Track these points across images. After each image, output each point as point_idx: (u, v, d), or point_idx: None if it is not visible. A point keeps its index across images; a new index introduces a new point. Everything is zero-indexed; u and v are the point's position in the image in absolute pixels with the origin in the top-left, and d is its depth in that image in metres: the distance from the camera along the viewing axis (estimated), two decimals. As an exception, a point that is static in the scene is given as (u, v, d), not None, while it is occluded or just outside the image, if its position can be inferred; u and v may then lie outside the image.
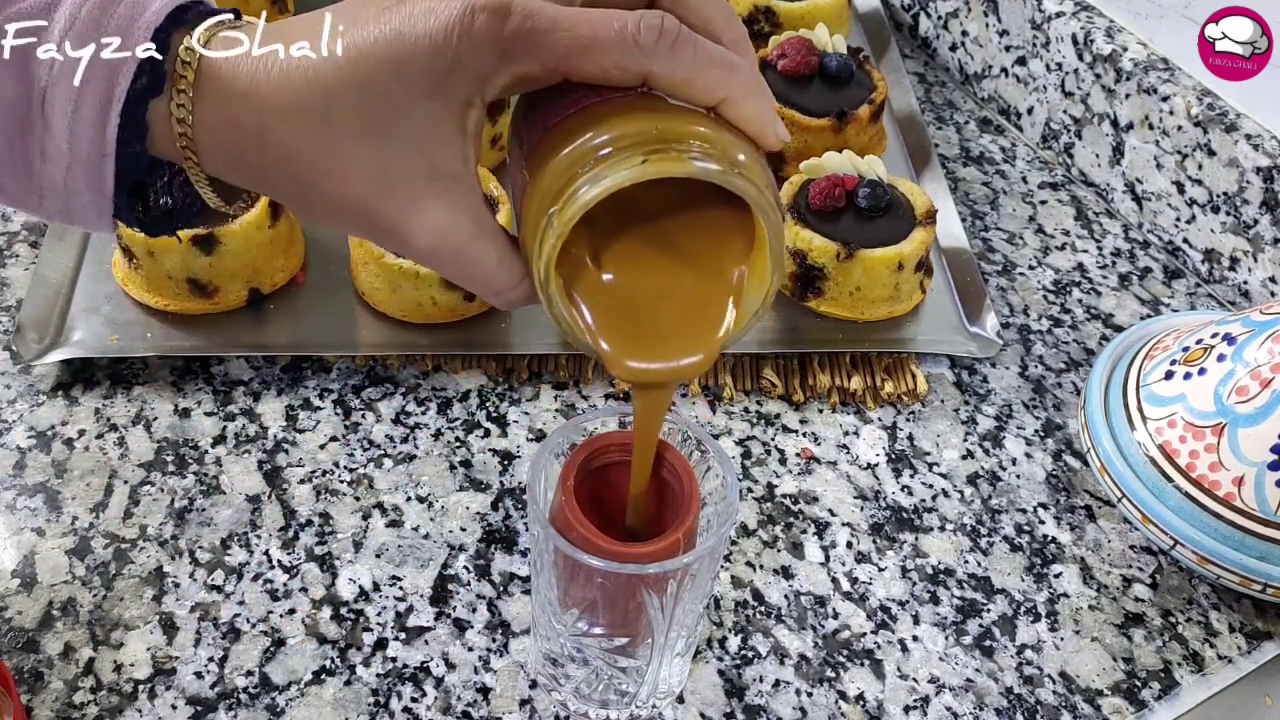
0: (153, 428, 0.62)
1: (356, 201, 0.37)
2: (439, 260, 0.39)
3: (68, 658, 0.52)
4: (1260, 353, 0.56)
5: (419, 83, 0.35)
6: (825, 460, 0.64)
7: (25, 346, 0.63)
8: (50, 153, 0.36)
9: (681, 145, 0.35)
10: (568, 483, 0.45)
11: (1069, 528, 0.61)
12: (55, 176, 0.36)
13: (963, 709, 0.53)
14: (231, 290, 0.65)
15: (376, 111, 0.36)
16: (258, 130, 0.36)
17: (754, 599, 0.57)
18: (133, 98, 0.36)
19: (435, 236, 0.38)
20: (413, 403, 0.64)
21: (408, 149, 0.36)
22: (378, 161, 0.36)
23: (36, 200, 0.38)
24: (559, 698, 0.52)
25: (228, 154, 0.37)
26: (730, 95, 0.36)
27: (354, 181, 0.37)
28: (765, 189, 0.36)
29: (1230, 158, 0.72)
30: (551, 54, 0.35)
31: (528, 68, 0.36)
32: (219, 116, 0.37)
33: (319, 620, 0.54)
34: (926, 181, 0.78)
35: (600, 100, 0.36)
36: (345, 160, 0.36)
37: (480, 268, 0.39)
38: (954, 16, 0.91)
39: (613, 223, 0.39)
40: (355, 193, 0.37)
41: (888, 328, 0.69)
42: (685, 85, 0.36)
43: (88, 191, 0.37)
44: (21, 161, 0.36)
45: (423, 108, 0.36)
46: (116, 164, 0.37)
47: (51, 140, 0.36)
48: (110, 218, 0.38)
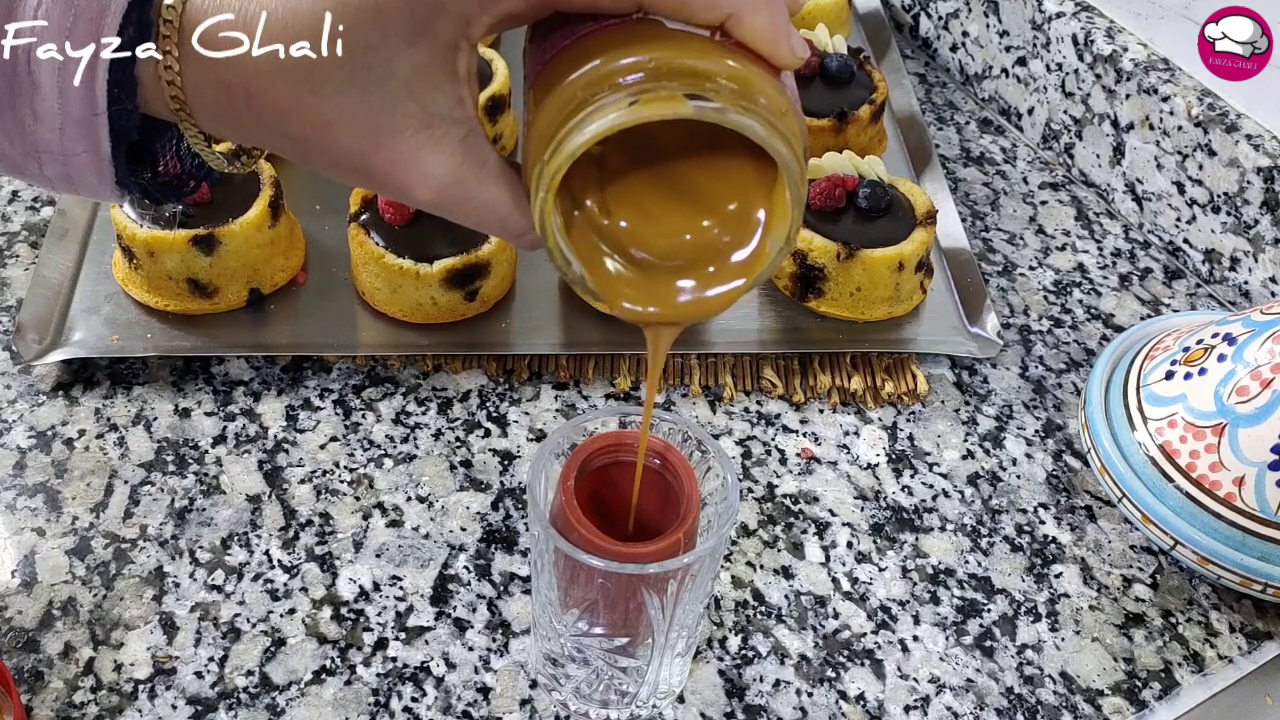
0: (153, 428, 0.62)
1: (354, 155, 0.36)
2: (447, 209, 0.37)
3: (68, 657, 0.52)
4: (1261, 353, 0.56)
5: (399, 30, 0.34)
6: (825, 460, 0.63)
7: (25, 346, 0.63)
8: (41, 113, 0.35)
9: (675, 81, 0.32)
10: (568, 483, 0.45)
11: (1069, 528, 0.61)
12: (50, 138, 0.36)
13: (963, 709, 0.53)
14: (232, 290, 0.65)
15: (360, 63, 0.35)
16: (244, 90, 0.36)
17: (754, 599, 0.57)
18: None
19: (437, 186, 0.37)
20: (413, 403, 0.64)
21: (396, 97, 0.35)
22: (366, 113, 0.35)
23: (36, 166, 0.37)
24: (559, 698, 0.52)
25: (218, 112, 0.37)
26: (736, 11, 0.33)
27: (346, 135, 0.36)
28: (778, 121, 0.32)
29: (1231, 158, 0.72)
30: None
31: (511, 4, 0.35)
32: (206, 77, 0.36)
33: (319, 620, 0.54)
34: (927, 182, 0.78)
35: (595, 29, 0.34)
36: (334, 115, 0.36)
37: (492, 212, 0.37)
38: (954, 17, 0.91)
39: (623, 159, 0.37)
40: (349, 146, 0.36)
41: (888, 328, 0.69)
42: (681, 5, 0.33)
43: (85, 153, 0.36)
44: (14, 124, 0.36)
45: (406, 54, 0.35)
46: (110, 122, 0.36)
47: (41, 100, 0.35)
48: (112, 182, 0.37)
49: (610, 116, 0.31)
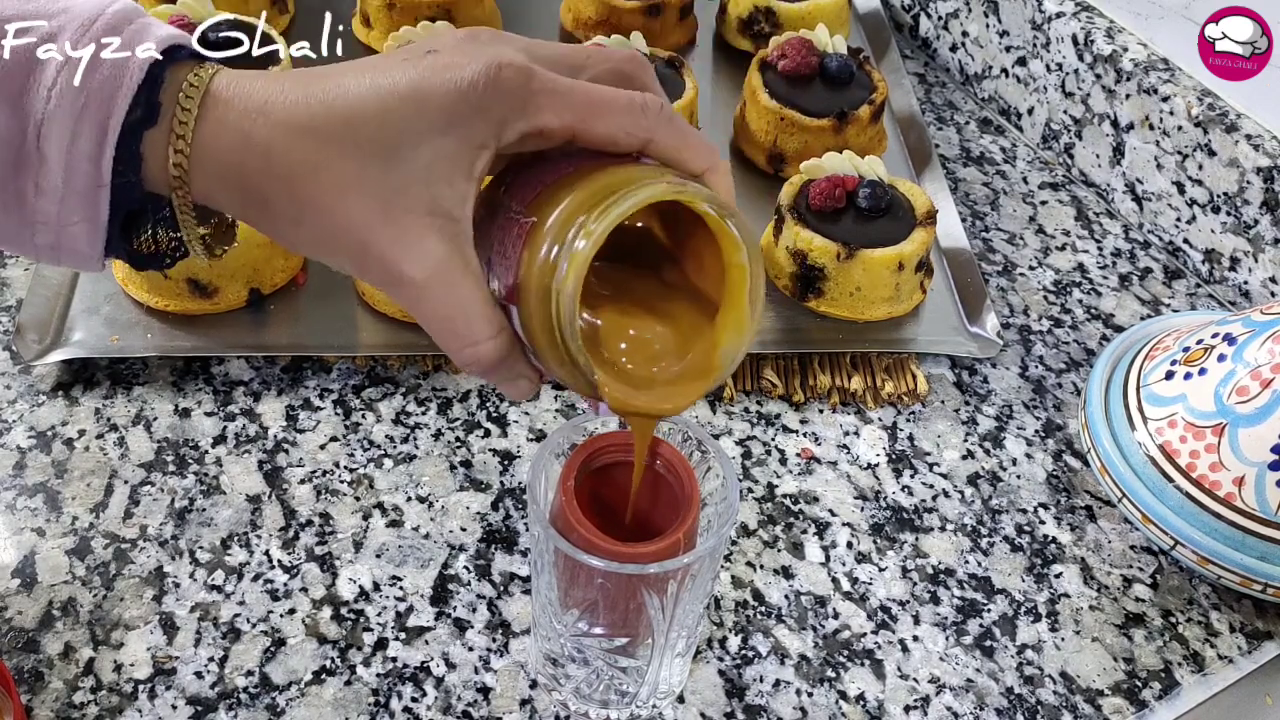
0: (153, 428, 0.62)
1: (359, 227, 0.37)
2: (428, 295, 0.38)
3: (68, 658, 0.52)
4: (1261, 353, 0.56)
5: (437, 119, 0.37)
6: (825, 460, 0.64)
7: (25, 346, 0.63)
8: (45, 186, 0.37)
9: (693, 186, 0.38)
10: (568, 483, 0.45)
11: (1069, 528, 0.61)
12: (49, 210, 0.37)
13: (963, 709, 0.53)
14: (232, 290, 0.65)
15: (392, 139, 0.37)
16: (265, 145, 0.37)
17: (754, 599, 0.57)
18: (128, 129, 0.37)
19: (431, 268, 0.38)
20: (413, 403, 0.64)
21: (414, 178, 0.37)
22: (384, 185, 0.37)
23: (28, 236, 0.38)
24: (559, 698, 0.52)
25: (225, 170, 0.38)
26: (713, 166, 0.41)
27: (358, 204, 0.37)
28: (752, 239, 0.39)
29: (1230, 158, 0.72)
30: (571, 110, 0.38)
31: (547, 121, 0.38)
32: (224, 129, 0.37)
33: (319, 620, 0.54)
34: (927, 182, 0.78)
35: (603, 161, 0.39)
36: (352, 180, 0.37)
37: (463, 311, 0.38)
38: (954, 17, 0.91)
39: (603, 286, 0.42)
40: (357, 217, 0.37)
41: (888, 328, 0.69)
42: (680, 150, 0.40)
43: (82, 223, 0.38)
44: (14, 197, 0.37)
45: (436, 142, 0.37)
46: (111, 194, 0.37)
47: (47, 174, 0.37)
48: (101, 251, 0.39)
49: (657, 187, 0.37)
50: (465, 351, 0.39)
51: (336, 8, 0.64)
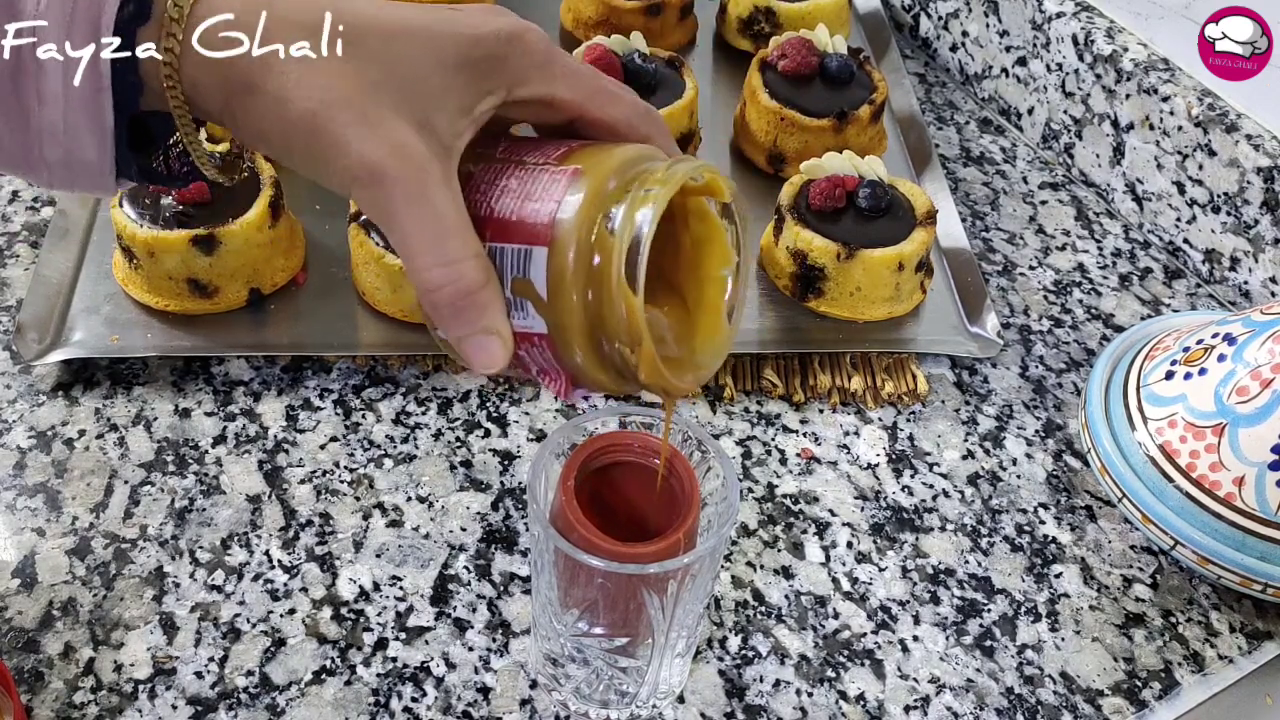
0: (153, 428, 0.62)
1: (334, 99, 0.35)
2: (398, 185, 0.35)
3: (68, 658, 0.52)
4: (1261, 353, 0.56)
5: (450, 56, 0.36)
6: (825, 460, 0.63)
7: (25, 346, 0.63)
8: (46, 94, 0.36)
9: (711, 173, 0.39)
10: (568, 483, 0.45)
11: (1069, 528, 0.61)
12: (54, 119, 0.36)
13: (963, 709, 0.53)
14: (232, 290, 0.65)
15: (397, 57, 0.36)
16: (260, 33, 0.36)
17: (754, 599, 0.57)
18: (120, 26, 0.35)
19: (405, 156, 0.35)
20: (413, 403, 0.64)
21: (410, 94, 0.36)
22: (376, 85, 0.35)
23: (37, 150, 0.37)
24: (559, 698, 0.52)
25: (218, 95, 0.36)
26: None
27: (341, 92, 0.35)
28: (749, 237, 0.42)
29: (1231, 158, 0.72)
30: (586, 87, 0.39)
31: (560, 91, 0.38)
32: (207, 72, 0.36)
33: (319, 620, 0.54)
34: (927, 182, 0.78)
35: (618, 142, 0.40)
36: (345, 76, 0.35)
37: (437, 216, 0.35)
38: (954, 17, 0.91)
39: None
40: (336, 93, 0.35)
41: (888, 328, 0.69)
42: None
43: (88, 130, 0.37)
44: (17, 110, 0.36)
45: (444, 74, 0.36)
46: (114, 95, 0.36)
47: (47, 82, 0.36)
48: (111, 164, 0.37)
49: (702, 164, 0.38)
50: (434, 271, 0.35)
51: (336, 8, 0.64)
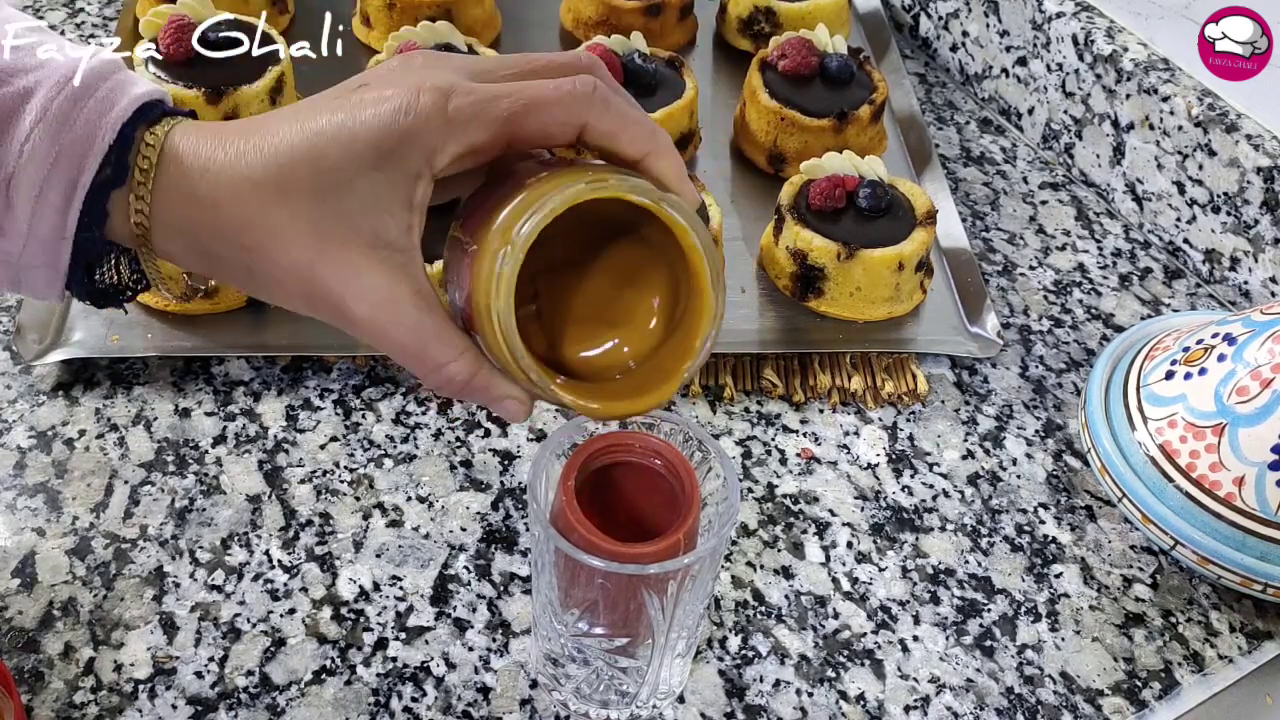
0: (153, 428, 0.62)
1: (301, 266, 0.38)
2: (377, 328, 0.39)
3: (68, 658, 0.52)
4: (1261, 353, 0.56)
5: (367, 156, 0.38)
6: (825, 460, 0.64)
7: (25, 346, 0.63)
8: (9, 230, 0.38)
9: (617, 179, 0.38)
10: (568, 483, 0.45)
11: (1069, 528, 0.61)
12: (11, 251, 0.39)
13: (963, 709, 0.53)
14: (232, 290, 0.65)
15: (324, 180, 0.38)
16: (211, 201, 0.38)
17: (754, 599, 0.57)
18: (96, 188, 0.38)
19: (373, 304, 0.39)
20: (413, 403, 0.64)
21: (351, 215, 0.38)
22: (320, 225, 0.38)
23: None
24: (559, 698, 0.52)
25: (180, 226, 0.39)
26: (654, 150, 0.40)
27: (296, 244, 0.38)
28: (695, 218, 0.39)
29: (1231, 158, 0.72)
30: (495, 118, 0.38)
31: (474, 136, 0.38)
32: (178, 190, 0.38)
33: (319, 620, 0.54)
34: (927, 182, 0.78)
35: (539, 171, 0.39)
36: (290, 223, 0.38)
37: (418, 337, 0.39)
38: (954, 17, 0.91)
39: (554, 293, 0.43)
40: (298, 257, 0.38)
41: (888, 328, 0.69)
42: (615, 136, 0.39)
43: (42, 267, 0.39)
44: None
45: (369, 177, 0.38)
46: (74, 246, 0.39)
47: (13, 220, 0.38)
48: (60, 290, 0.40)
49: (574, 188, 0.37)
50: (432, 377, 0.40)
51: (336, 8, 0.64)
